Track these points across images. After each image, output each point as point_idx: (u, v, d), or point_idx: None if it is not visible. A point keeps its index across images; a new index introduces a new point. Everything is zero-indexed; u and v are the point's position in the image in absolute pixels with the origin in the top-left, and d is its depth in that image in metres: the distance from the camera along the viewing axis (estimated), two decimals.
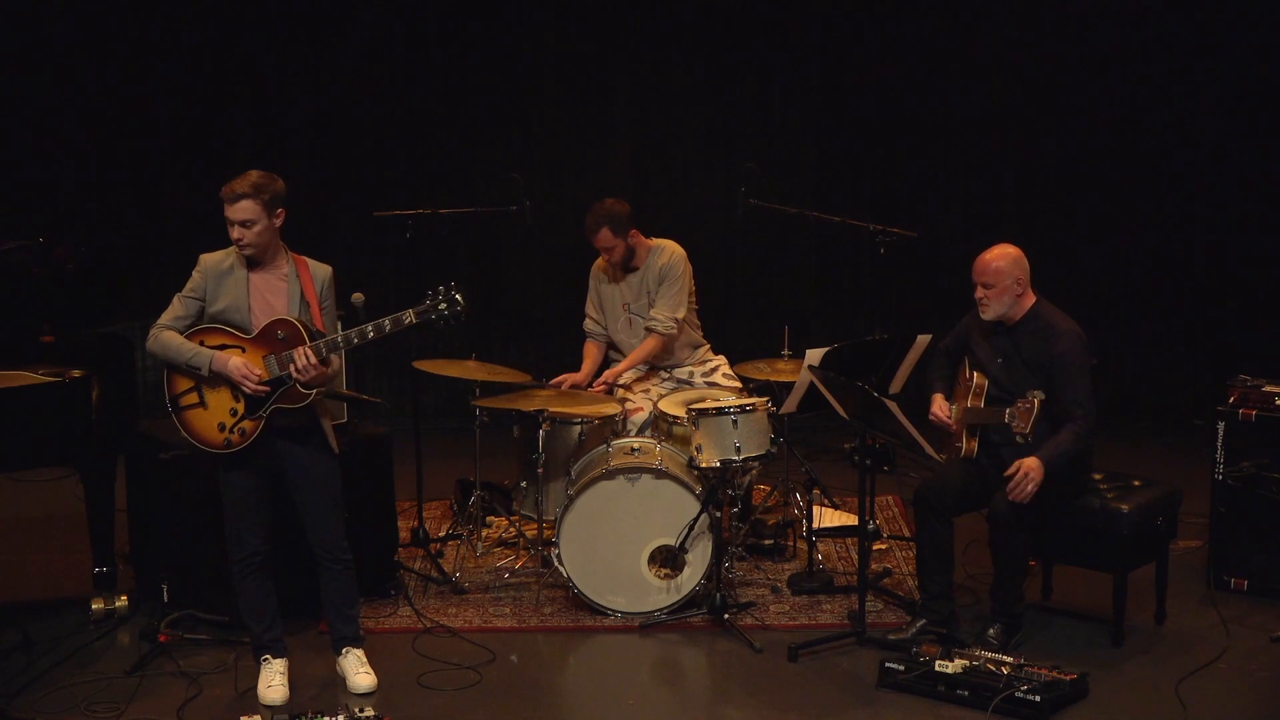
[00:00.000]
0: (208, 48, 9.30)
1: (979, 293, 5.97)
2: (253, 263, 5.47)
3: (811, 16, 9.33)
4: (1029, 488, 5.75)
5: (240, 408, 5.42)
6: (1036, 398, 5.69)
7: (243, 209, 5.42)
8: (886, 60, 9.34)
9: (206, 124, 9.36)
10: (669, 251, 7.13)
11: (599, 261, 7.26)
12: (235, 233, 5.44)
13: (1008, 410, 5.76)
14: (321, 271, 5.57)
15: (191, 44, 9.29)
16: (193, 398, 5.44)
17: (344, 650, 5.72)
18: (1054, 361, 5.86)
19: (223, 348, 5.41)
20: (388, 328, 5.40)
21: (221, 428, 5.43)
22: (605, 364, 7.31)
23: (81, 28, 9.25)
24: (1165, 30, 9.22)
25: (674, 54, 9.39)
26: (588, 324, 7.30)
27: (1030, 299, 5.99)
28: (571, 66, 9.39)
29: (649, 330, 7.08)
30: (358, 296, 5.64)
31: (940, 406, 6.17)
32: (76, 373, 6.13)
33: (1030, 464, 5.77)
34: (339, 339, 5.40)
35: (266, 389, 5.38)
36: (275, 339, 5.40)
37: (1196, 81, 9.25)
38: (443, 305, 5.37)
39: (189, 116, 9.36)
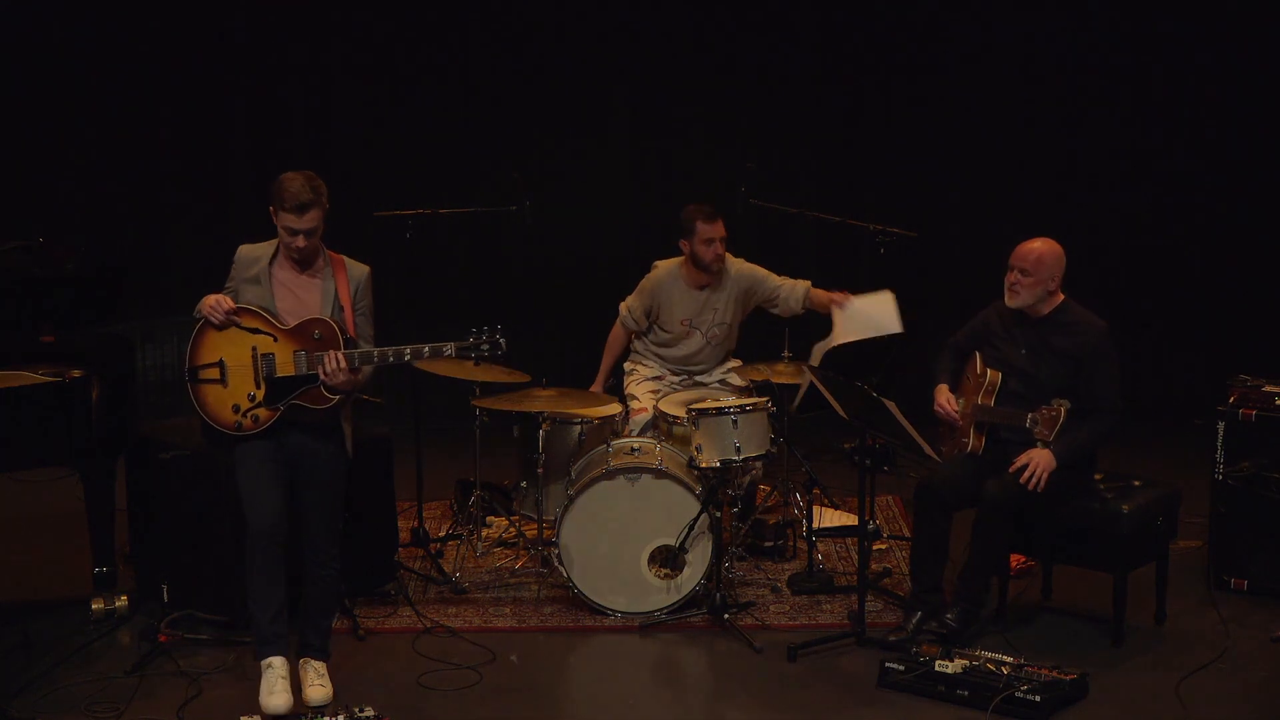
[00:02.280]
0: (207, 47, 9.29)
1: (1013, 277, 5.99)
2: (301, 265, 5.44)
3: (812, 15, 9.33)
4: (1041, 476, 5.78)
5: (259, 394, 5.39)
6: (1063, 406, 5.69)
7: (312, 218, 5.36)
8: (888, 59, 9.34)
9: (206, 123, 9.36)
10: (740, 263, 7.16)
11: (663, 273, 7.15)
12: (299, 241, 5.36)
13: (1030, 415, 5.76)
14: (358, 271, 5.55)
15: (191, 43, 9.29)
16: (214, 373, 5.41)
17: (303, 660, 5.60)
18: (1087, 356, 5.89)
19: (256, 332, 5.38)
20: (426, 354, 5.42)
21: (235, 409, 5.40)
22: (624, 358, 7.34)
23: (81, 27, 9.24)
24: (1165, 28, 9.22)
25: (674, 53, 9.39)
26: (627, 318, 7.22)
27: (1059, 296, 6.02)
28: (571, 66, 9.38)
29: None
30: None
31: (947, 399, 6.16)
32: (76, 373, 6.12)
33: (1040, 457, 5.78)
34: (374, 354, 5.38)
35: (222, 319, 5.36)
36: (310, 337, 5.37)
37: (1196, 80, 9.25)
38: (485, 347, 5.42)
39: (188, 116, 9.35)
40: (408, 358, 5.43)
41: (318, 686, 5.53)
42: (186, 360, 5.46)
